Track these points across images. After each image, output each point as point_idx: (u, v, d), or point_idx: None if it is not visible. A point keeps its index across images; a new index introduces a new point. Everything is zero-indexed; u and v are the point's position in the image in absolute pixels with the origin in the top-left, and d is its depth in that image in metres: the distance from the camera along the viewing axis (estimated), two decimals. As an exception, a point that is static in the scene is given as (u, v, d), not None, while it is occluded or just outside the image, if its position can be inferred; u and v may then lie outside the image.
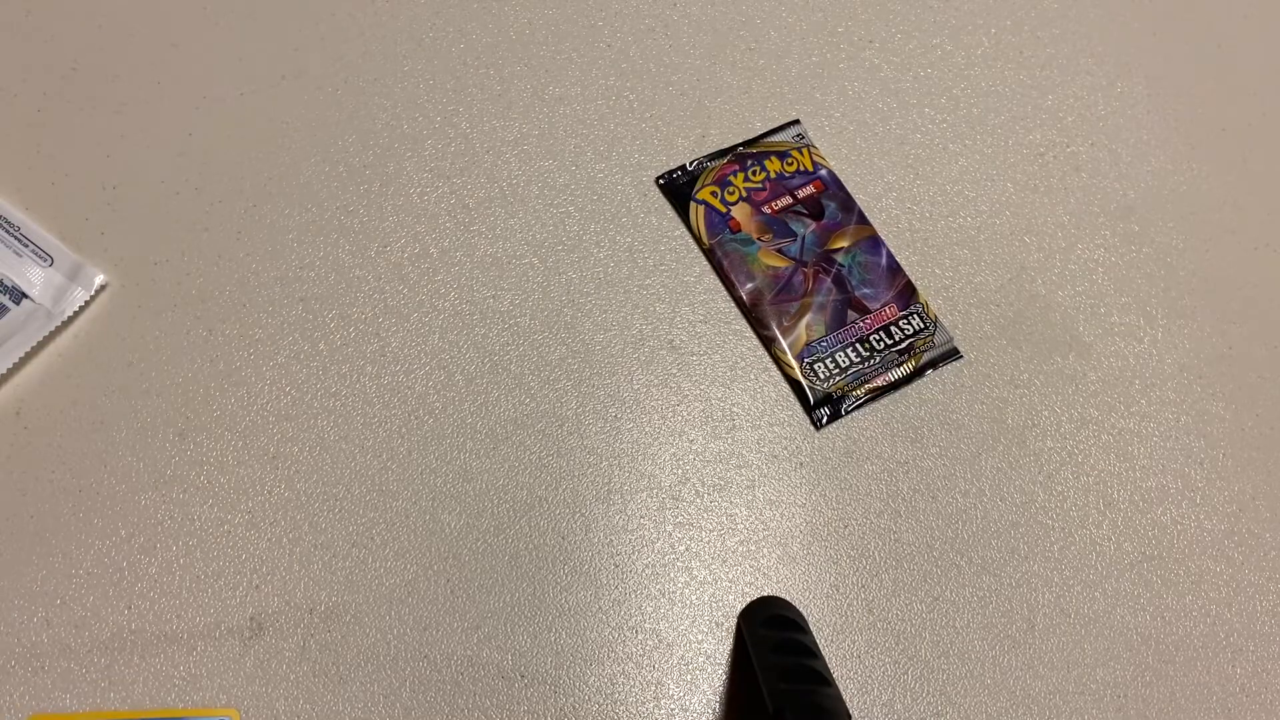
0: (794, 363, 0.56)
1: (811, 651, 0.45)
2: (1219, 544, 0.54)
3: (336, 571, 0.50)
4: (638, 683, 0.49)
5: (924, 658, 0.50)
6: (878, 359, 0.56)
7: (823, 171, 0.61)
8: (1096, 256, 0.60)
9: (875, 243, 0.59)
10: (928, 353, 0.56)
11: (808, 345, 0.56)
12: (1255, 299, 0.60)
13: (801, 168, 0.61)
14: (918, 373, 0.56)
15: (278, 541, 0.51)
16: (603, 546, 0.52)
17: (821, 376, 0.55)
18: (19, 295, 0.54)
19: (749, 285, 0.57)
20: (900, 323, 0.57)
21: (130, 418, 0.53)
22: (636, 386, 0.55)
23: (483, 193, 0.60)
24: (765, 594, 0.51)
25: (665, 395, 0.55)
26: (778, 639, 0.45)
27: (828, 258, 0.58)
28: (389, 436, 0.53)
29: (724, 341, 0.57)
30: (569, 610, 0.50)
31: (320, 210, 0.58)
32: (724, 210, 0.59)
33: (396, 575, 0.50)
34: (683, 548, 0.52)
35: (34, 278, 0.55)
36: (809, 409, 0.55)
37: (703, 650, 0.50)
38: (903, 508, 0.53)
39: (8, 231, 0.56)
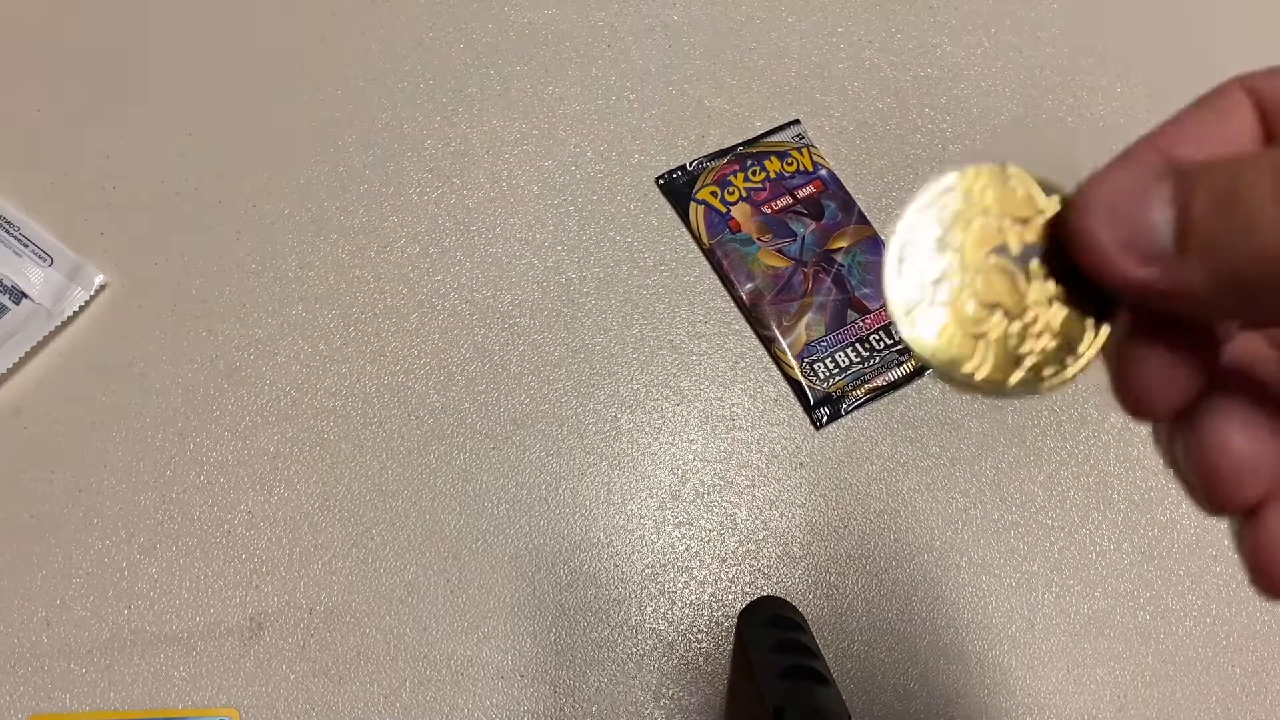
0: (794, 363, 0.55)
1: (811, 651, 0.45)
2: (1219, 544, 0.54)
3: (336, 571, 0.50)
4: (638, 683, 0.49)
5: (924, 658, 0.50)
6: (878, 359, 0.56)
7: (823, 171, 0.61)
8: (1096, 256, 0.60)
9: (875, 243, 0.59)
10: (928, 353, 0.56)
11: (807, 345, 0.56)
12: (1255, 299, 0.60)
13: (801, 168, 0.61)
14: (918, 373, 0.56)
15: (278, 541, 0.51)
16: (603, 546, 0.52)
17: (821, 376, 0.55)
18: (19, 295, 0.54)
19: (749, 285, 0.57)
20: (900, 323, 0.57)
21: (130, 418, 0.53)
22: (636, 386, 0.55)
23: (483, 193, 0.60)
24: (765, 594, 0.51)
25: (665, 395, 0.55)
26: (777, 639, 0.45)
27: (828, 258, 0.58)
28: (389, 436, 0.53)
29: (724, 341, 0.57)
30: (569, 610, 0.50)
31: (320, 210, 0.58)
32: (724, 210, 0.59)
33: (396, 575, 0.50)
34: (682, 548, 0.52)
35: (34, 278, 0.55)
36: (809, 409, 0.55)
37: (703, 650, 0.50)
38: (903, 508, 0.53)
39: (8, 231, 0.56)
